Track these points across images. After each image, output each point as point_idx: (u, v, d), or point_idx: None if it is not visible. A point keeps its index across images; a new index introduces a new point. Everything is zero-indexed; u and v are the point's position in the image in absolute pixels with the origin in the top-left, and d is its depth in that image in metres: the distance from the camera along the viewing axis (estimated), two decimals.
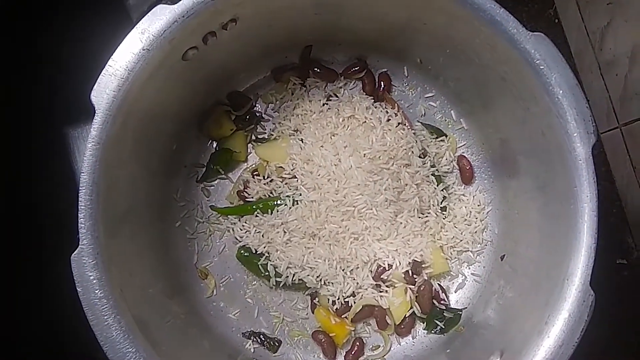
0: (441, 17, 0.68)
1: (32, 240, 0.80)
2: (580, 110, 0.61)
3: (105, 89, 0.61)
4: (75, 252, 0.59)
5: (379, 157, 0.77)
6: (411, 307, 0.78)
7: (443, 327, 0.79)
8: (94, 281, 0.59)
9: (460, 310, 0.80)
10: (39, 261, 0.68)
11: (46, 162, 0.78)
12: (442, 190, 0.81)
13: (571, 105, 0.61)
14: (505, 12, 0.63)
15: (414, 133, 0.82)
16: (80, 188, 0.60)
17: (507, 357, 0.64)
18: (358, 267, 0.77)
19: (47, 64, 0.65)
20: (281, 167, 0.80)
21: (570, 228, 0.62)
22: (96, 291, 0.59)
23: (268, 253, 0.79)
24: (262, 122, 0.85)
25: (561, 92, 0.62)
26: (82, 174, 0.60)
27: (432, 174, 0.81)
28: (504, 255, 0.79)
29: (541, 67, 0.62)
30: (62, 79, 0.67)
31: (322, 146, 0.79)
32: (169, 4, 0.62)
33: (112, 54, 0.62)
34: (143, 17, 0.62)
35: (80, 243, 0.59)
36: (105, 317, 0.58)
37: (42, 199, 0.79)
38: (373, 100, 0.82)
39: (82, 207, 0.60)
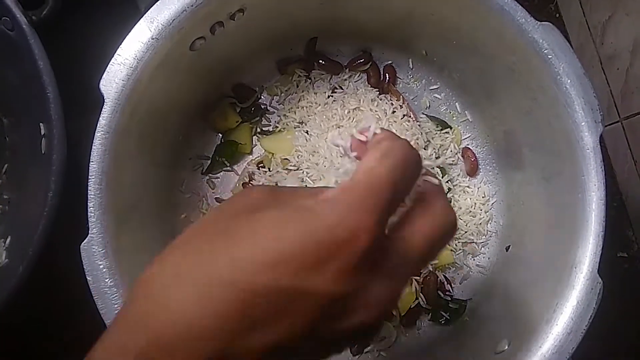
0: (447, 6, 0.68)
1: None
2: (588, 100, 0.62)
3: (114, 78, 0.61)
4: (84, 241, 0.59)
5: None
6: (416, 299, 0.78)
7: (448, 318, 0.79)
8: (104, 270, 0.59)
9: (465, 301, 0.80)
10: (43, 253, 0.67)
11: None
12: (446, 182, 0.82)
13: (579, 94, 0.62)
14: (513, 1, 0.63)
15: (419, 125, 0.82)
16: (89, 177, 0.60)
17: (515, 345, 0.64)
18: None
19: (53, 53, 0.65)
20: (286, 159, 0.80)
21: (577, 217, 0.63)
22: (106, 280, 0.59)
23: None
24: (267, 115, 0.85)
25: (569, 81, 0.62)
26: (91, 163, 0.60)
27: (437, 166, 0.81)
28: (509, 246, 0.79)
29: (549, 56, 0.62)
30: (68, 69, 0.67)
31: (327, 138, 0.79)
32: None
33: (120, 44, 0.62)
34: (151, 6, 0.63)
35: (89, 232, 0.59)
36: (116, 306, 0.58)
37: None
38: (378, 93, 0.83)
39: (92, 196, 0.60)
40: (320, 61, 0.84)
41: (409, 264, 0.32)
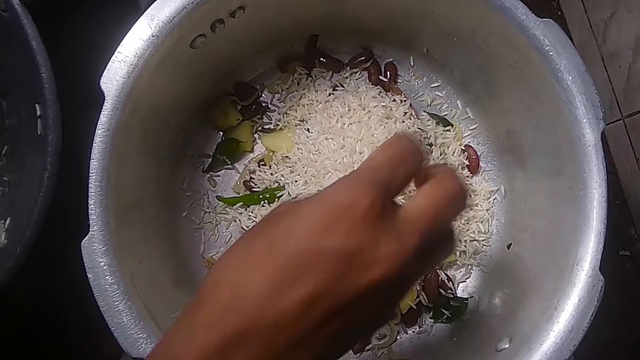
0: (448, 3, 0.68)
1: None
2: (590, 97, 0.62)
3: (114, 75, 0.61)
4: (85, 239, 0.59)
5: None
6: (418, 297, 0.78)
7: (450, 316, 0.79)
8: (105, 267, 0.59)
9: (467, 299, 0.80)
10: (44, 250, 0.68)
11: None
12: None
13: (580, 91, 0.62)
14: None
15: (421, 123, 0.82)
16: (90, 174, 0.60)
17: (517, 343, 0.64)
18: None
19: (52, 51, 0.65)
20: (287, 156, 0.80)
21: (579, 214, 0.62)
22: (107, 277, 0.58)
23: None
24: (268, 112, 0.85)
25: (570, 78, 0.62)
26: (91, 160, 0.60)
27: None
28: (511, 244, 0.79)
29: (550, 53, 0.62)
30: (69, 66, 0.67)
31: (328, 136, 0.79)
32: None
33: (120, 41, 0.62)
34: (151, 3, 0.62)
35: (90, 229, 0.59)
36: (116, 303, 0.58)
37: None
38: (379, 90, 0.82)
39: (92, 193, 0.59)
40: (321, 59, 0.84)
41: (416, 225, 0.36)
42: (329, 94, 0.82)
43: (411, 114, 0.82)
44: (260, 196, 0.80)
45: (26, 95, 0.68)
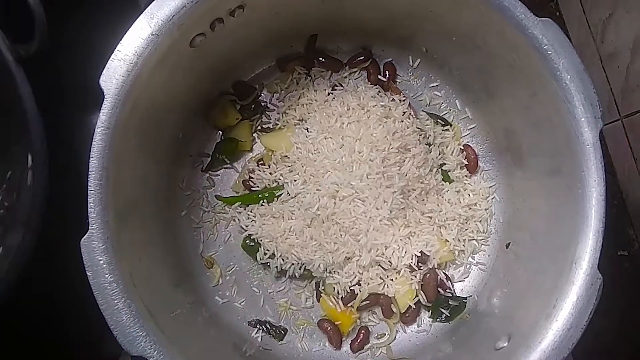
0: (447, 3, 0.68)
1: None
2: (588, 95, 0.62)
3: (114, 74, 0.61)
4: (84, 237, 0.59)
5: (385, 146, 0.77)
6: (416, 296, 0.78)
7: (448, 315, 0.79)
8: (104, 265, 0.59)
9: (466, 298, 0.80)
10: (44, 249, 0.68)
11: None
12: (447, 179, 0.82)
13: (579, 90, 0.62)
14: None
15: (420, 122, 0.82)
16: (89, 172, 0.60)
17: (515, 341, 0.64)
18: (363, 256, 0.77)
19: (53, 50, 0.65)
20: (286, 156, 0.80)
21: (577, 213, 0.63)
22: (106, 275, 0.59)
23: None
24: (267, 112, 0.85)
25: (569, 77, 0.62)
26: (91, 158, 0.60)
27: (437, 164, 0.81)
28: (509, 243, 0.79)
29: (549, 52, 0.62)
30: (68, 64, 0.67)
31: (327, 136, 0.79)
32: None
33: (120, 40, 0.62)
34: (151, 2, 0.62)
35: (89, 228, 0.59)
36: (115, 301, 0.58)
37: None
38: (378, 90, 0.82)
39: (92, 191, 0.59)
40: (320, 58, 0.84)
41: None
42: (328, 94, 0.83)
43: (410, 114, 0.82)
44: (259, 195, 0.80)
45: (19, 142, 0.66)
